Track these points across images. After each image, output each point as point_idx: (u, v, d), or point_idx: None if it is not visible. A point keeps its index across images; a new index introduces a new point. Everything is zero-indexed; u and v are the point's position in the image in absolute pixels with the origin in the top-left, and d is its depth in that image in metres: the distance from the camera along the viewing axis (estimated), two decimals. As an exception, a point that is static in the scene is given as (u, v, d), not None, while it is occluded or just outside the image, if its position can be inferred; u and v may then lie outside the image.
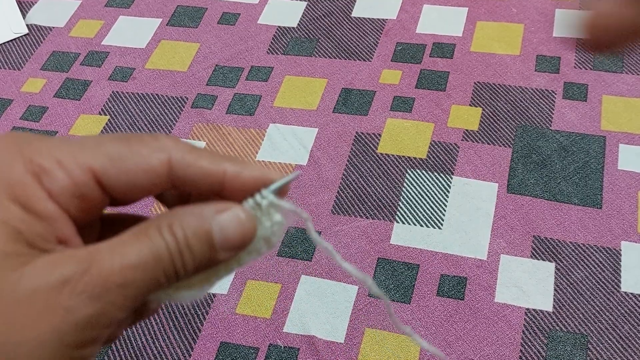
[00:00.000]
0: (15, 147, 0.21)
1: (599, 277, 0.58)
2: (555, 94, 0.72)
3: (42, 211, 0.21)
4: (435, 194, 0.65)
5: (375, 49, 0.79)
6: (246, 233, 0.24)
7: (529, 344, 0.55)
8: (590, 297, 0.57)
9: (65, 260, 0.20)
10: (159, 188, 0.24)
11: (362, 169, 0.68)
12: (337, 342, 0.56)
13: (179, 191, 0.25)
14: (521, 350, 0.54)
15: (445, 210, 0.63)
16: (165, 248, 0.22)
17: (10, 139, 0.22)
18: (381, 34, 0.81)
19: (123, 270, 0.21)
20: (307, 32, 0.83)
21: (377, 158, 0.68)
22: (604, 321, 0.55)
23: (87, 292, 0.20)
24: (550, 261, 0.59)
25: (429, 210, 0.63)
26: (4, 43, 0.87)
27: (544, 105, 0.71)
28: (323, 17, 0.84)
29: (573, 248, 0.60)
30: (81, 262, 0.20)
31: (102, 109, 0.77)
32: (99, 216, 0.24)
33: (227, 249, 0.24)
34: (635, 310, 0.56)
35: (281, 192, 0.26)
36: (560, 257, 0.59)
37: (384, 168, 0.67)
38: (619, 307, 0.56)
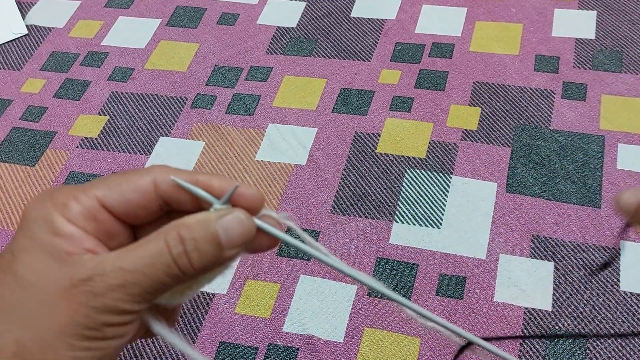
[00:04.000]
0: (47, 196, 0.28)
1: (598, 277, 0.58)
2: (554, 93, 0.72)
3: (66, 232, 0.27)
4: (435, 194, 0.65)
5: (375, 49, 0.79)
6: (247, 231, 0.28)
7: (528, 343, 0.55)
8: (589, 297, 0.57)
9: (80, 267, 0.26)
10: (152, 204, 0.29)
11: (361, 169, 0.68)
12: (336, 342, 0.56)
13: (168, 206, 0.30)
14: (520, 350, 0.54)
15: (444, 210, 0.63)
16: (168, 252, 0.27)
17: (43, 194, 0.28)
18: (380, 34, 0.81)
19: (122, 272, 0.26)
20: (306, 32, 0.83)
21: (376, 158, 0.68)
22: (602, 320, 0.55)
23: (92, 292, 0.26)
24: (549, 260, 0.59)
25: (428, 210, 0.63)
26: (3, 43, 0.87)
27: (543, 104, 0.71)
28: (322, 17, 0.84)
29: (572, 247, 0.60)
30: (89, 268, 0.26)
31: (101, 109, 0.77)
32: (130, 240, 0.30)
33: (233, 246, 0.28)
34: (634, 309, 0.56)
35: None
36: (559, 256, 0.59)
37: (383, 168, 0.67)
38: (618, 307, 0.56)
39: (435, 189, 0.65)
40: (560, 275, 0.58)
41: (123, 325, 0.27)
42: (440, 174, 0.66)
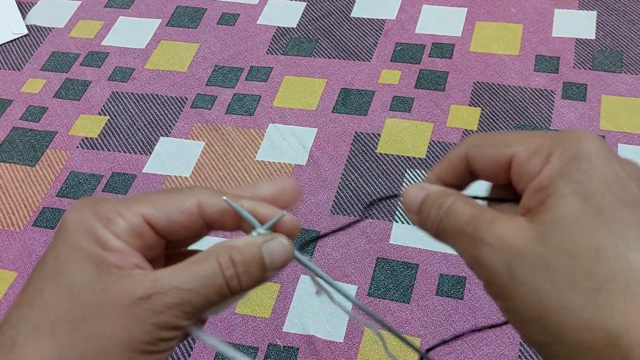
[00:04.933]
0: (88, 207, 0.29)
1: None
2: (555, 93, 0.72)
3: (114, 247, 0.28)
4: (435, 194, 0.65)
5: (375, 49, 0.79)
6: (289, 256, 0.30)
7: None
8: (589, 297, 0.57)
9: (138, 284, 0.27)
10: (195, 225, 0.30)
11: (362, 169, 0.68)
12: (336, 342, 0.56)
13: (211, 227, 0.31)
14: (520, 350, 0.54)
15: (444, 210, 0.63)
16: (221, 274, 0.28)
17: (83, 203, 0.29)
18: (380, 34, 0.81)
19: (179, 292, 0.27)
20: (306, 32, 0.83)
21: (377, 158, 0.68)
22: (603, 320, 0.55)
23: (152, 310, 0.27)
24: (549, 261, 0.59)
25: (428, 210, 0.63)
26: (4, 43, 0.87)
27: (543, 105, 0.71)
28: (322, 17, 0.84)
29: (572, 247, 0.60)
30: (148, 287, 0.27)
31: (101, 109, 0.77)
32: (162, 252, 0.31)
33: (274, 269, 0.30)
34: (634, 309, 0.56)
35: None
36: (559, 256, 0.59)
37: (383, 168, 0.67)
38: (618, 307, 0.56)
39: (436, 189, 0.65)
40: (560, 276, 0.58)
41: (174, 340, 0.28)
42: (441, 174, 0.66)
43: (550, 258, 0.24)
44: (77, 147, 0.74)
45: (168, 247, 0.32)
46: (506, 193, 0.30)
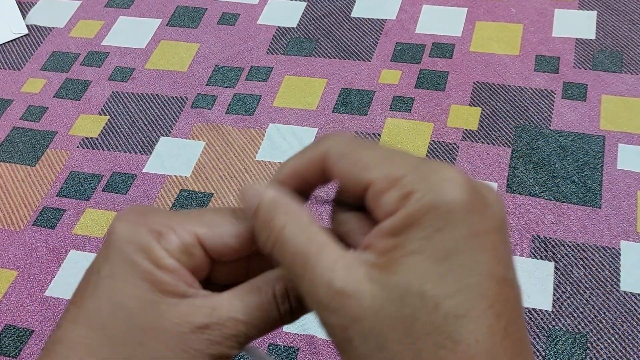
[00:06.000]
0: (139, 218, 0.28)
1: (598, 277, 0.58)
2: (555, 93, 0.72)
3: (169, 265, 0.27)
4: (435, 194, 0.65)
5: (375, 49, 0.79)
6: None
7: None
8: (590, 297, 0.57)
9: (195, 312, 0.27)
10: (248, 250, 0.29)
11: (362, 169, 0.68)
12: (336, 342, 0.56)
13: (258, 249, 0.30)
14: (520, 350, 0.54)
15: (444, 210, 0.63)
16: (276, 308, 0.27)
17: (132, 214, 0.28)
18: (381, 34, 0.81)
19: (236, 323, 0.27)
20: (306, 32, 0.83)
21: (377, 158, 0.68)
22: (603, 320, 0.55)
23: (210, 340, 0.26)
24: (549, 260, 0.59)
25: (429, 210, 0.63)
26: (4, 43, 0.87)
27: (543, 105, 0.71)
28: (323, 17, 0.84)
29: (572, 247, 0.60)
30: (206, 315, 0.26)
31: (101, 109, 0.77)
32: (205, 276, 0.30)
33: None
34: (635, 309, 0.56)
35: None
36: (559, 256, 0.59)
37: (383, 168, 0.67)
38: (618, 307, 0.56)
39: (436, 189, 0.65)
40: (561, 276, 0.58)
41: None
42: (441, 174, 0.66)
43: (386, 331, 0.23)
44: (77, 147, 0.74)
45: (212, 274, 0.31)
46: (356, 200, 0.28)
